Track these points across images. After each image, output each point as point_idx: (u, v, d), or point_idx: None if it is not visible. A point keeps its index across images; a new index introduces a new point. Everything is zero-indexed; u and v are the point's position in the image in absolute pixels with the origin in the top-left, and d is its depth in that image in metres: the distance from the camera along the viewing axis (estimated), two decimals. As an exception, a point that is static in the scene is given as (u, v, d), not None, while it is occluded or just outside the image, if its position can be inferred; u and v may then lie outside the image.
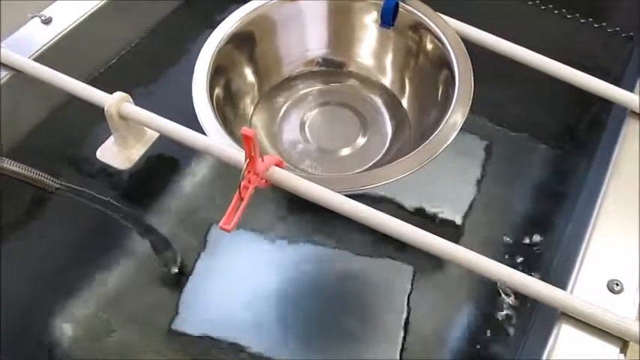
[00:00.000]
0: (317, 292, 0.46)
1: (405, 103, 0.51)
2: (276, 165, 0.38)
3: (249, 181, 0.36)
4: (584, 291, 0.34)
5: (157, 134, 0.46)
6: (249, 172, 0.36)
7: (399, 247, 0.47)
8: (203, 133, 0.41)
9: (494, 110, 0.53)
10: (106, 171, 0.50)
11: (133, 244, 0.48)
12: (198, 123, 0.41)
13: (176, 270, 0.47)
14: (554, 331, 0.33)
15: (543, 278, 0.34)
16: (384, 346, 0.42)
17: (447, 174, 0.50)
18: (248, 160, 0.35)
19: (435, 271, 0.46)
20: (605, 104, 0.46)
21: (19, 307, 0.43)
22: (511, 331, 0.42)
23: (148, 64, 0.57)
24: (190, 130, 0.40)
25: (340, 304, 0.45)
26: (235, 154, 0.39)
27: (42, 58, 0.48)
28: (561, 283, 0.35)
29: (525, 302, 0.41)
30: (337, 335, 0.43)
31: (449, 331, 0.43)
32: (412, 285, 0.45)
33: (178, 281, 0.46)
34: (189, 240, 0.48)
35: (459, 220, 0.48)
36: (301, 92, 0.52)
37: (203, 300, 0.45)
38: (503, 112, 0.54)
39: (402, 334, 0.43)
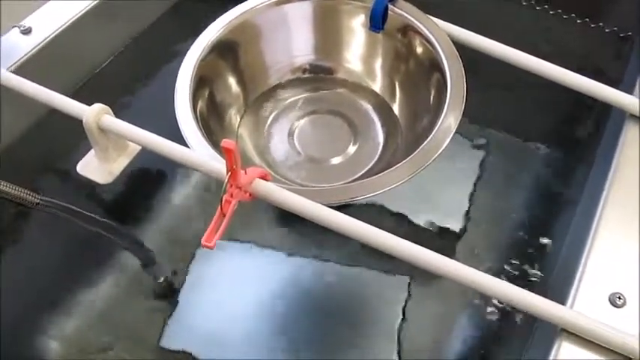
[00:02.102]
0: (310, 305, 0.44)
1: (396, 108, 0.49)
2: (261, 177, 0.36)
3: (232, 195, 0.35)
4: (585, 305, 0.32)
5: (139, 147, 0.44)
6: (231, 185, 0.35)
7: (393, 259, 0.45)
8: (187, 145, 0.39)
9: (488, 115, 0.52)
10: (90, 185, 0.48)
11: (120, 259, 0.46)
12: (183, 139, 0.40)
13: (165, 284, 0.45)
14: (554, 349, 0.31)
15: (542, 291, 0.33)
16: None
17: (440, 181, 0.48)
18: (230, 173, 0.34)
19: (430, 282, 0.45)
20: (604, 108, 0.44)
21: (3, 325, 0.42)
22: (510, 345, 0.40)
23: (132, 74, 0.55)
24: (171, 143, 0.39)
25: (334, 316, 0.43)
26: (217, 167, 0.37)
27: (21, 69, 0.47)
28: (561, 296, 0.33)
29: (525, 314, 0.40)
30: (331, 349, 0.42)
31: (445, 344, 0.41)
32: (408, 295, 0.43)
33: (167, 296, 0.45)
34: (178, 254, 0.46)
35: (453, 229, 0.46)
36: (289, 100, 0.50)
37: (193, 314, 0.43)
38: (498, 116, 0.53)
39: (396, 347, 0.41)
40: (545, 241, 0.44)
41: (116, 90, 0.53)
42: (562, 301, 0.33)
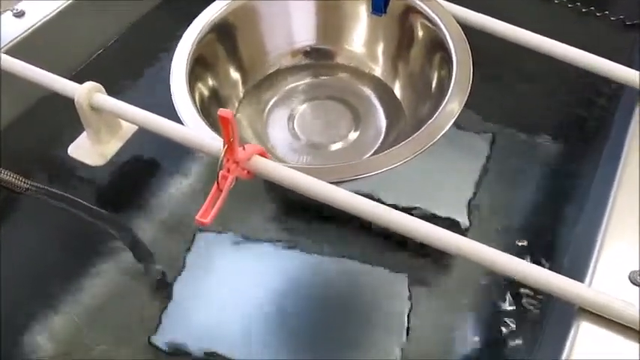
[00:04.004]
0: (309, 300, 0.42)
1: (398, 93, 0.48)
2: (259, 154, 0.35)
3: (229, 171, 0.33)
4: (603, 285, 0.31)
5: (133, 129, 0.42)
6: (227, 160, 0.33)
7: (397, 251, 0.43)
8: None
9: (493, 104, 0.50)
10: (82, 171, 0.47)
11: (112, 250, 0.44)
12: (180, 120, 0.38)
13: (159, 278, 0.43)
14: (572, 331, 0.29)
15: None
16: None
17: (443, 171, 0.46)
18: (226, 146, 0.32)
19: (436, 274, 0.43)
20: (614, 93, 0.43)
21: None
22: (520, 342, 0.38)
23: (128, 62, 0.54)
24: (166, 120, 0.37)
25: (335, 312, 0.41)
26: (215, 144, 0.35)
27: (12, 52, 0.45)
28: (577, 278, 0.31)
29: (535, 304, 0.38)
30: (330, 345, 0.40)
31: (453, 337, 0.39)
32: (410, 290, 0.41)
33: (161, 290, 0.42)
34: (174, 245, 0.44)
35: (458, 217, 0.44)
36: (289, 86, 0.49)
37: (188, 310, 0.41)
38: (504, 103, 0.51)
39: (399, 343, 0.39)
40: (556, 227, 0.42)
41: (111, 78, 0.52)
42: (579, 281, 0.31)
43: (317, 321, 0.41)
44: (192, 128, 0.37)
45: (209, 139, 0.35)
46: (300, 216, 0.46)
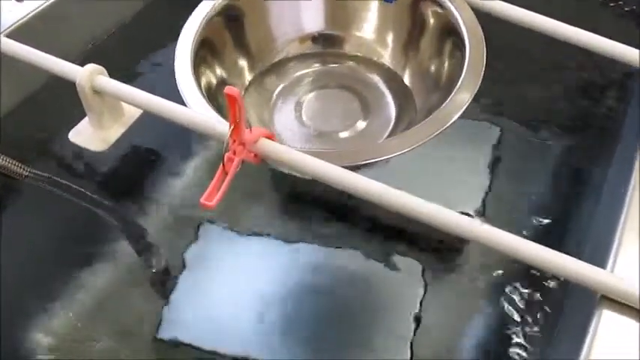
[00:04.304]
0: (316, 296, 0.40)
1: (409, 82, 0.47)
2: (266, 137, 0.34)
3: (235, 153, 0.32)
4: (625, 272, 0.29)
5: (136, 114, 0.41)
6: (234, 141, 0.32)
7: (407, 247, 0.42)
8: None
9: (505, 90, 0.49)
10: (83, 159, 0.45)
11: (113, 242, 0.43)
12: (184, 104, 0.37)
13: (162, 272, 0.42)
14: (594, 319, 0.28)
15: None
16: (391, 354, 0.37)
17: (453, 157, 0.45)
18: (232, 126, 0.31)
19: (447, 270, 0.41)
20: (629, 85, 0.42)
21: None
22: (538, 326, 0.36)
23: (131, 49, 0.52)
24: (170, 102, 0.36)
25: (343, 310, 0.40)
26: (221, 127, 0.34)
27: (12, 37, 0.44)
28: (598, 266, 0.30)
29: (552, 294, 0.36)
30: (341, 342, 0.38)
31: (466, 333, 0.38)
32: (423, 285, 0.40)
33: (164, 284, 0.41)
34: (177, 238, 0.43)
35: (468, 209, 0.43)
36: (296, 74, 0.48)
37: (192, 305, 0.40)
38: (516, 91, 0.50)
39: (411, 337, 0.37)
40: (571, 218, 0.41)
41: (113, 65, 0.51)
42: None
43: (324, 317, 0.39)
44: (198, 112, 0.36)
45: (214, 121, 0.34)
46: (305, 210, 0.45)
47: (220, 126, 0.34)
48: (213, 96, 0.41)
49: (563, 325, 0.33)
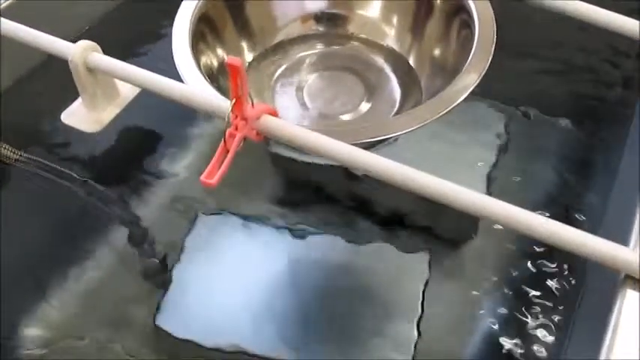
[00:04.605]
0: (320, 283, 0.39)
1: (414, 64, 0.45)
2: (270, 114, 0.32)
3: (237, 128, 0.30)
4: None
5: (131, 95, 0.40)
6: (235, 116, 0.30)
7: (411, 233, 0.40)
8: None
9: (515, 71, 0.48)
10: (76, 143, 0.44)
11: (107, 229, 0.41)
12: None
13: (157, 262, 0.40)
14: (618, 302, 0.26)
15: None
16: (395, 346, 0.35)
17: (458, 140, 0.44)
18: (234, 100, 0.29)
19: (453, 257, 0.40)
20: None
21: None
22: (553, 312, 0.35)
23: (127, 31, 0.51)
24: (167, 79, 0.34)
25: (347, 298, 0.38)
26: (221, 101, 0.32)
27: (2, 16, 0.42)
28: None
29: (565, 279, 0.35)
30: (345, 334, 0.37)
31: (474, 315, 0.36)
32: (428, 274, 0.38)
33: (161, 275, 0.39)
34: (173, 226, 0.41)
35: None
36: (298, 55, 0.46)
37: (189, 296, 0.38)
38: (528, 78, 0.48)
39: (415, 330, 0.36)
40: (585, 199, 0.39)
41: (108, 48, 0.49)
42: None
43: (327, 304, 0.38)
44: (197, 88, 0.34)
45: (214, 97, 0.33)
46: (306, 197, 0.44)
47: (221, 102, 0.32)
48: (214, 78, 0.40)
49: (583, 309, 0.31)
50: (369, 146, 0.35)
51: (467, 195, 0.28)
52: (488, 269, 0.38)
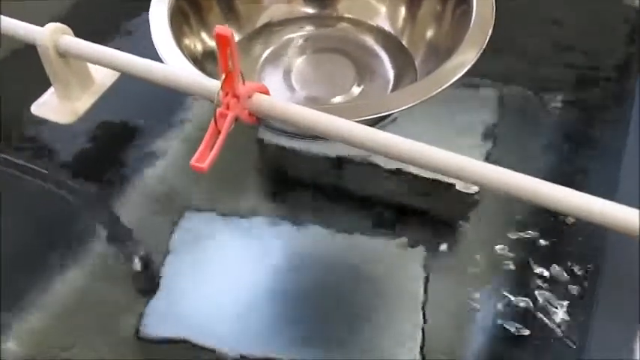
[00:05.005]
0: (315, 282, 0.36)
1: (408, 44, 0.43)
2: (262, 93, 0.29)
3: (228, 107, 0.27)
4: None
5: (108, 83, 0.37)
6: (226, 94, 0.27)
7: (406, 223, 0.38)
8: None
9: (513, 50, 0.46)
10: (49, 137, 0.40)
11: (85, 231, 0.38)
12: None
13: (142, 263, 0.37)
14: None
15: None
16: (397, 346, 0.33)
17: (449, 133, 0.42)
18: (224, 76, 0.27)
19: (451, 247, 0.38)
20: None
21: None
22: (568, 300, 0.33)
23: (104, 16, 0.48)
24: (147, 60, 0.31)
25: (342, 295, 0.36)
26: (209, 80, 0.30)
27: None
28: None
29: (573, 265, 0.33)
30: (342, 332, 0.34)
31: (475, 309, 0.34)
32: (426, 265, 0.36)
33: (146, 277, 0.36)
34: (158, 225, 0.38)
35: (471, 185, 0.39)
36: (285, 37, 0.44)
37: (177, 298, 0.35)
38: (525, 51, 0.46)
39: (421, 323, 0.34)
40: (588, 178, 0.38)
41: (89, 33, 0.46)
42: None
43: (324, 303, 0.35)
44: (182, 69, 0.31)
45: (201, 77, 0.30)
46: (297, 191, 0.41)
47: (208, 81, 0.30)
48: (199, 64, 0.37)
49: (600, 290, 0.29)
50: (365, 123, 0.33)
51: (480, 167, 0.26)
52: (486, 256, 0.36)
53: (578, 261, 0.34)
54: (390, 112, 0.31)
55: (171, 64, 0.32)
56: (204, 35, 0.40)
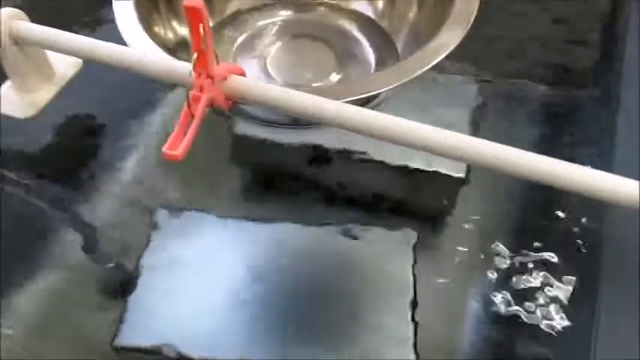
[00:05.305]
0: (300, 279, 0.34)
1: (389, 29, 0.41)
2: (238, 74, 0.27)
3: (202, 90, 0.25)
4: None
5: (70, 73, 0.34)
6: (199, 75, 0.25)
7: (391, 217, 0.36)
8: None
9: (499, 34, 0.44)
10: (8, 133, 0.37)
11: (52, 237, 0.35)
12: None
13: (115, 269, 0.35)
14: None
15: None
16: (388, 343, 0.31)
17: (438, 107, 0.40)
18: (196, 54, 0.24)
19: (437, 233, 0.36)
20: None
21: None
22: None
23: (67, 5, 0.45)
24: (110, 44, 0.29)
25: (327, 293, 0.33)
26: (178, 64, 0.27)
27: None
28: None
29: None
30: (330, 332, 0.32)
31: (469, 307, 0.33)
32: (415, 257, 0.34)
33: (120, 284, 0.34)
34: (131, 228, 0.36)
35: (456, 172, 0.38)
36: (258, 24, 0.42)
37: (153, 305, 0.32)
38: (514, 40, 0.45)
39: (411, 318, 0.32)
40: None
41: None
42: None
43: (308, 303, 0.33)
44: (150, 52, 0.29)
45: (170, 60, 0.28)
46: (276, 186, 0.39)
47: (179, 63, 0.27)
48: (172, 55, 0.35)
49: (605, 267, 0.28)
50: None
51: (472, 142, 0.24)
52: (474, 241, 0.35)
53: (571, 248, 0.33)
54: (373, 93, 0.30)
55: (138, 49, 0.30)
56: (175, 24, 0.38)
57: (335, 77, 0.39)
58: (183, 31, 0.38)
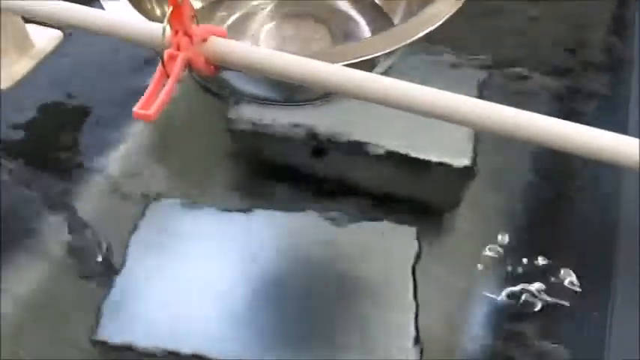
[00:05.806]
0: (293, 277, 0.32)
1: (384, 5, 0.40)
2: (219, 36, 0.25)
3: (178, 48, 0.23)
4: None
5: (50, 47, 0.33)
6: (176, 32, 0.23)
7: (393, 210, 0.34)
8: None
9: (491, 37, 0.43)
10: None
11: (34, 226, 0.34)
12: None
13: (101, 261, 0.33)
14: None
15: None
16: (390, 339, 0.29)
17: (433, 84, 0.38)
18: (171, 8, 0.22)
19: (441, 229, 0.34)
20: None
21: None
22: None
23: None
24: (85, 7, 0.27)
25: (326, 288, 0.31)
26: (153, 24, 0.26)
27: None
28: None
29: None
30: (329, 328, 0.30)
31: (471, 304, 0.30)
32: (417, 251, 0.32)
33: (103, 277, 0.32)
34: (118, 217, 0.34)
35: (459, 165, 0.35)
36: (252, 3, 0.40)
37: (139, 299, 0.30)
38: (503, 38, 0.43)
39: (413, 312, 0.29)
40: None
41: None
42: None
43: (308, 295, 0.31)
44: (126, 14, 0.27)
45: (143, 20, 0.26)
46: (271, 177, 0.37)
47: (155, 24, 0.25)
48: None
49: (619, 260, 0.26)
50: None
51: (480, 105, 0.22)
52: (478, 236, 0.33)
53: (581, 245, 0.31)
54: (369, 57, 0.28)
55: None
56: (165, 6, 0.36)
57: (331, 56, 0.37)
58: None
